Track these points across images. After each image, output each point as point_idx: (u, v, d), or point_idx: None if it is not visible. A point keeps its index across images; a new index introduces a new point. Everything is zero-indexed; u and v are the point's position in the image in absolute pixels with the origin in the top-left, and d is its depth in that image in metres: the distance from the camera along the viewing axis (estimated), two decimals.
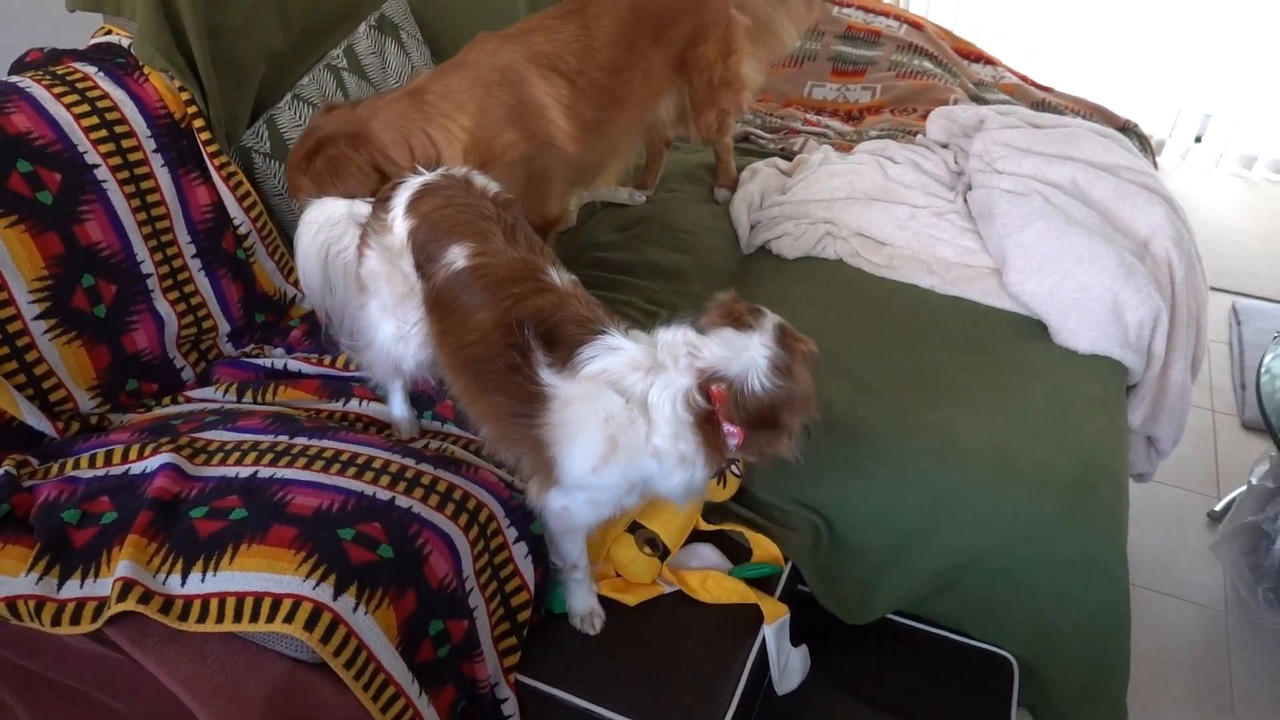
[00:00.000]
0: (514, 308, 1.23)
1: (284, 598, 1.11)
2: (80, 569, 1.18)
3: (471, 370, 1.28)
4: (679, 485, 1.23)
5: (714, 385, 1.16)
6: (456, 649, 1.25)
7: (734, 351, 1.16)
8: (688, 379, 1.17)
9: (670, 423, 1.17)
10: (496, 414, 1.27)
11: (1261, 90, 3.99)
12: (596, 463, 1.19)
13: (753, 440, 1.19)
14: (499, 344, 1.22)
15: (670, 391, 1.17)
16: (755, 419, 1.17)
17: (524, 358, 1.19)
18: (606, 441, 1.17)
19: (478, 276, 1.26)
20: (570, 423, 1.19)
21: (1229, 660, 2.02)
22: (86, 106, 1.55)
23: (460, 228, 1.30)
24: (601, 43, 1.81)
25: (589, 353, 1.19)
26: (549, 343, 1.20)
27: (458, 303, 1.27)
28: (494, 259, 1.27)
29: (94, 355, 1.52)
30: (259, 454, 1.32)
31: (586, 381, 1.18)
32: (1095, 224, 1.94)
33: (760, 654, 1.44)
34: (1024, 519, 1.52)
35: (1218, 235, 3.68)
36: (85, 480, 1.31)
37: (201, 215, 1.69)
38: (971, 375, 1.74)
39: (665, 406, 1.17)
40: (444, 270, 1.28)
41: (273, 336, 1.78)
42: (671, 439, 1.17)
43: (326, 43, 1.96)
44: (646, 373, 1.18)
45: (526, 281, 1.25)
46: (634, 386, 1.18)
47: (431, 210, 1.33)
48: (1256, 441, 2.61)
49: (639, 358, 1.19)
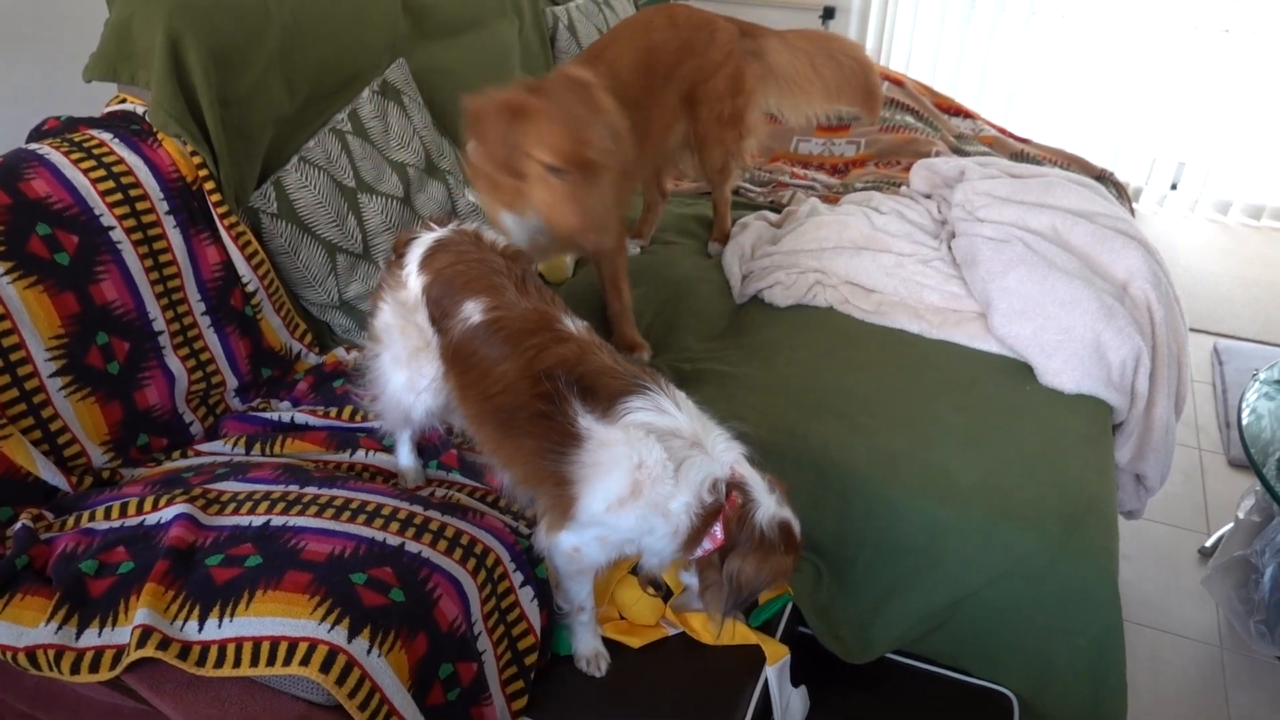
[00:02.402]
0: (537, 358, 1.28)
1: (299, 641, 1.14)
2: (99, 618, 1.21)
3: (498, 419, 1.33)
4: (659, 549, 1.31)
5: (735, 492, 1.26)
6: (466, 692, 1.27)
7: (760, 491, 1.28)
8: (724, 473, 1.27)
9: (691, 494, 1.24)
10: (524, 456, 1.32)
11: (1233, 138, 4.13)
12: (614, 503, 1.24)
13: (709, 558, 1.29)
14: (526, 394, 1.27)
15: (706, 470, 1.25)
16: (729, 546, 1.26)
17: (558, 406, 1.25)
18: (631, 486, 1.23)
19: (495, 329, 1.31)
20: (602, 462, 1.24)
21: (1226, 693, 2.04)
22: (103, 171, 1.61)
23: (474, 283, 1.35)
24: (625, 81, 1.92)
25: (636, 404, 1.25)
26: (583, 391, 1.26)
27: (478, 356, 1.32)
28: (509, 311, 1.32)
29: (107, 411, 1.56)
30: (271, 503, 1.35)
31: (630, 429, 1.23)
32: (1075, 268, 2.01)
33: (763, 695, 1.46)
34: (1015, 555, 1.55)
35: (1197, 279, 3.77)
36: (102, 531, 1.34)
37: (211, 274, 1.74)
38: (961, 416, 1.79)
39: (696, 480, 1.24)
40: (460, 325, 1.34)
41: (279, 391, 1.82)
42: (684, 509, 1.25)
43: (331, 107, 2.04)
44: (690, 444, 1.26)
45: (544, 332, 1.31)
46: (679, 451, 1.25)
47: (444, 266, 1.39)
48: (1242, 478, 2.66)
49: (685, 428, 1.26)
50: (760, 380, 1.89)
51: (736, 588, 1.27)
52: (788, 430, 1.74)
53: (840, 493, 1.65)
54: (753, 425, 1.66)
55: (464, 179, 1.75)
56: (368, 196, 2.00)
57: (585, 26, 3.08)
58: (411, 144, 2.16)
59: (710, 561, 1.29)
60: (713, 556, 1.28)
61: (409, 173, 2.13)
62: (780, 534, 1.28)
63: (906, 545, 1.62)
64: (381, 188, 2.05)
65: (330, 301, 1.93)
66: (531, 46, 2.79)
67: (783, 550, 1.28)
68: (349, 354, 1.89)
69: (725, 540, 1.26)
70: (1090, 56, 4.16)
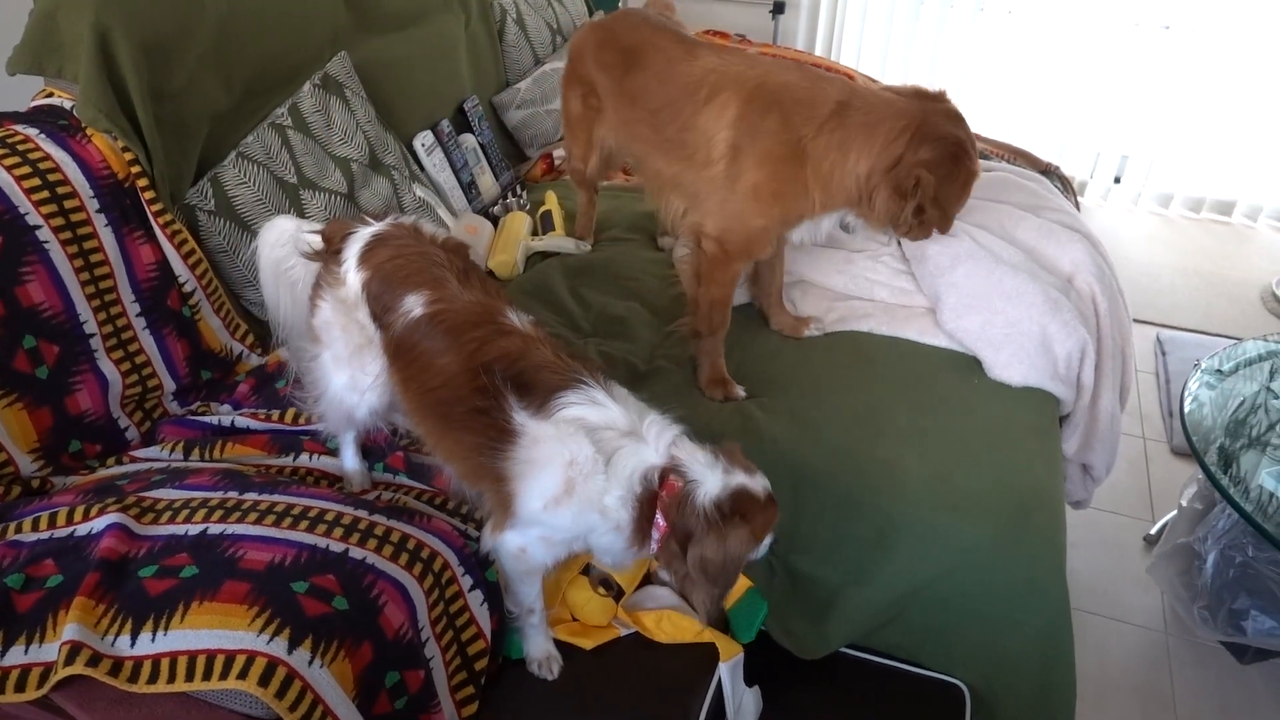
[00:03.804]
0: (478, 351, 1.25)
1: (237, 654, 1.10)
2: (25, 634, 1.16)
3: (439, 413, 1.30)
4: (607, 547, 1.28)
5: (673, 477, 1.22)
6: (414, 700, 1.25)
7: (705, 470, 1.22)
8: (658, 459, 1.22)
9: (623, 487, 1.21)
10: (464, 452, 1.29)
11: (1174, 132, 4.22)
12: (549, 501, 1.22)
13: (668, 550, 1.24)
14: (466, 388, 1.25)
15: (637, 460, 1.22)
16: (681, 533, 1.22)
17: (494, 401, 1.22)
18: (564, 483, 1.20)
19: (437, 323, 1.29)
20: (536, 459, 1.21)
21: (1171, 678, 2.08)
22: (28, 169, 1.55)
23: (414, 276, 1.33)
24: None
25: (570, 399, 1.22)
26: (520, 386, 1.23)
27: (419, 349, 1.30)
28: (451, 304, 1.30)
29: (35, 417, 1.50)
30: (209, 510, 1.31)
31: (561, 424, 1.21)
32: (1021, 262, 2.02)
33: (717, 694, 1.45)
34: (965, 547, 1.56)
35: (1140, 270, 3.85)
36: (29, 544, 1.28)
37: (146, 274, 1.68)
38: (910, 410, 1.80)
39: (626, 471, 1.21)
40: (402, 319, 1.31)
41: (219, 393, 1.77)
42: (619, 503, 1.22)
43: (270, 102, 1.98)
44: (622, 435, 1.22)
45: (487, 325, 1.28)
46: (609, 443, 1.21)
47: (384, 261, 1.35)
48: (1185, 466, 2.72)
49: (619, 420, 1.23)
50: None
51: (706, 575, 1.23)
52: (738, 426, 1.74)
53: (792, 488, 1.65)
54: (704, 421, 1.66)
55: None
56: (310, 193, 1.96)
57: (534, 20, 3.05)
58: (355, 139, 2.11)
59: (673, 553, 1.24)
60: (672, 547, 1.24)
61: (352, 168, 2.09)
62: (736, 503, 1.22)
63: (858, 540, 1.62)
64: (324, 184, 2.00)
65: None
66: (479, 40, 2.76)
67: (742, 518, 1.22)
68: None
69: (670, 528, 1.23)
70: (1036, 52, 4.22)
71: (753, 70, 1.79)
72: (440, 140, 2.46)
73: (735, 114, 1.76)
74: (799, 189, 1.74)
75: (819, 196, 1.74)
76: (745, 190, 1.76)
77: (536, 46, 3.04)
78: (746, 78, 1.78)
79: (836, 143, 1.68)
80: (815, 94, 1.72)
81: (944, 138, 1.67)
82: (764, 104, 1.74)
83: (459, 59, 2.62)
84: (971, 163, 1.71)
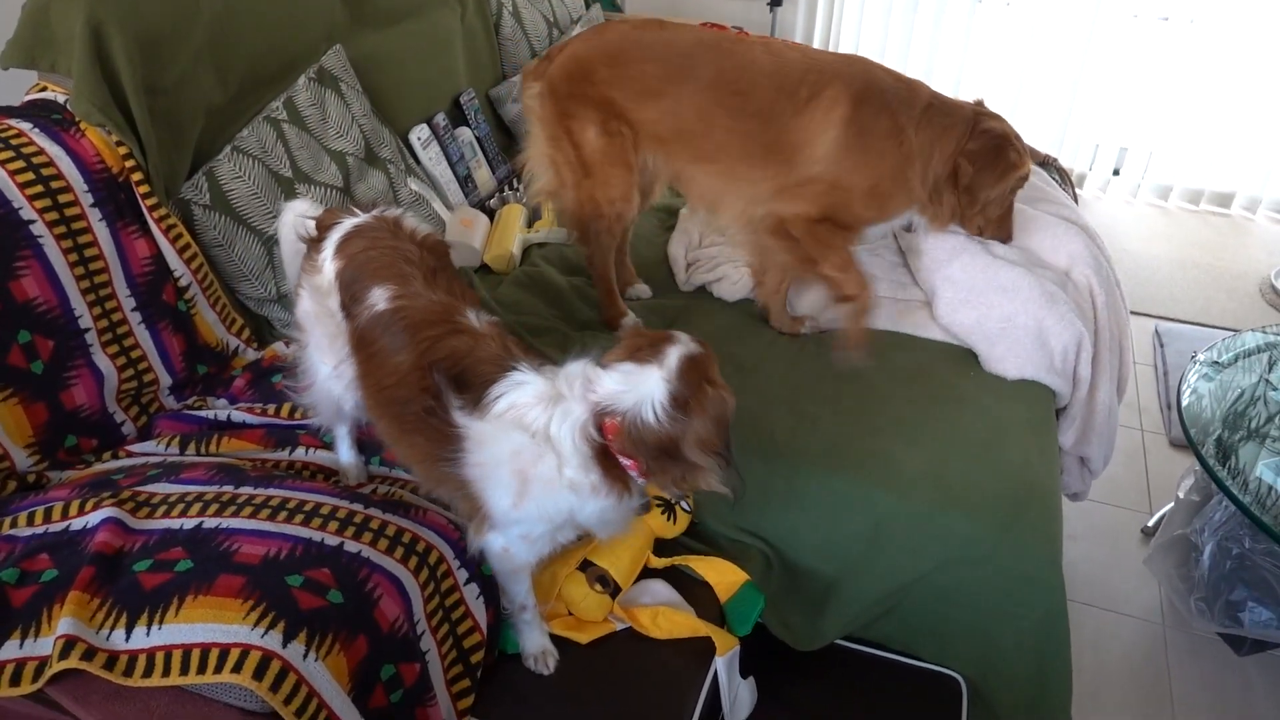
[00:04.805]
0: (430, 350, 1.25)
1: (231, 647, 1.10)
2: (20, 629, 1.16)
3: (392, 412, 1.30)
4: (595, 515, 1.24)
5: (607, 418, 1.16)
6: (409, 693, 1.25)
7: (630, 386, 1.15)
8: (582, 411, 1.17)
9: (575, 454, 1.17)
10: (419, 455, 1.29)
11: (1173, 124, 4.21)
12: (514, 499, 1.21)
13: (659, 474, 1.18)
14: (415, 387, 1.24)
15: (569, 423, 1.17)
16: (654, 452, 1.15)
17: (437, 401, 1.21)
18: (517, 477, 1.19)
19: (398, 319, 1.29)
20: (485, 462, 1.20)
21: (1168, 670, 2.08)
22: (21, 163, 1.54)
23: (383, 269, 1.33)
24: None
25: (498, 390, 1.19)
26: (461, 384, 1.21)
27: (379, 345, 1.30)
28: (413, 301, 1.30)
29: (31, 412, 1.50)
30: (204, 504, 1.31)
31: (495, 420, 1.19)
32: (1017, 256, 2.02)
33: (713, 688, 1.45)
34: (960, 539, 1.56)
35: (1138, 262, 3.84)
36: (24, 539, 1.29)
37: (141, 268, 1.68)
38: (907, 404, 1.80)
39: (565, 439, 1.17)
40: (367, 311, 1.31)
41: (215, 388, 1.77)
42: (581, 470, 1.17)
43: (265, 96, 1.98)
44: (549, 404, 1.18)
45: (443, 324, 1.27)
46: (537, 420, 1.18)
47: (358, 251, 1.36)
48: (1183, 458, 2.71)
49: (544, 391, 1.19)
50: None
51: (713, 451, 1.16)
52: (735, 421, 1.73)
53: (788, 481, 1.65)
54: None
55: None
56: (305, 186, 1.95)
57: (531, 14, 3.04)
58: (350, 132, 2.11)
59: (661, 469, 1.17)
60: (656, 467, 1.16)
61: (348, 162, 2.08)
62: (682, 383, 1.14)
63: (854, 532, 1.62)
64: (320, 177, 2.00)
65: (268, 295, 1.88)
66: (475, 33, 2.74)
67: (696, 386, 1.14)
68: (288, 348, 1.84)
69: (638, 461, 1.16)
70: (1034, 44, 4.21)
71: (850, 67, 1.80)
72: (436, 134, 2.45)
73: (845, 113, 1.76)
74: (904, 188, 1.81)
75: (916, 194, 1.82)
76: (863, 188, 1.80)
77: (533, 40, 3.03)
78: (849, 74, 1.78)
79: (927, 142, 1.77)
80: (912, 94, 1.79)
81: (988, 131, 1.79)
82: (875, 104, 1.76)
83: (455, 52, 2.61)
84: (1017, 157, 1.80)
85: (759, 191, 1.86)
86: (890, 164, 1.79)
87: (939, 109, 1.78)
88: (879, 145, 1.77)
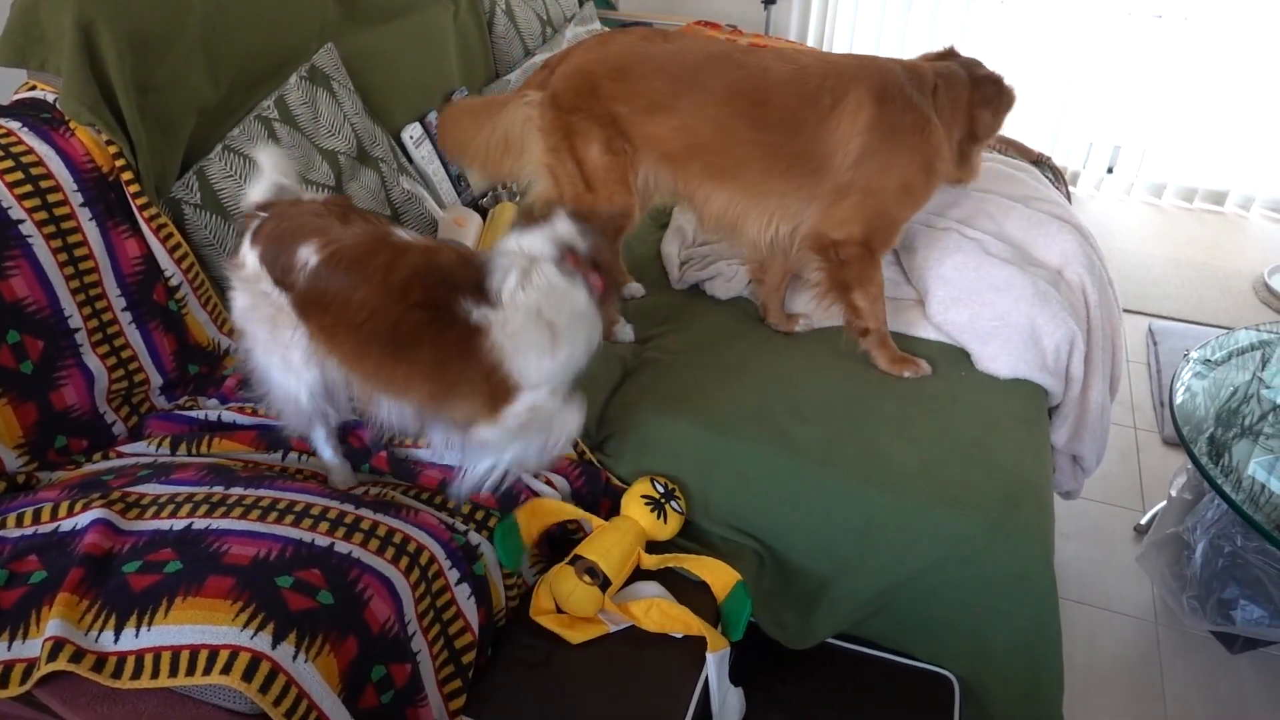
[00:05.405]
0: (390, 274, 1.30)
1: (220, 649, 1.10)
2: (8, 630, 1.16)
3: (378, 344, 1.33)
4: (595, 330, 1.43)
5: (569, 254, 1.40)
6: (400, 694, 1.25)
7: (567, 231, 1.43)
8: (551, 249, 1.39)
9: (575, 288, 1.38)
10: (424, 371, 1.33)
11: (1166, 122, 4.21)
12: (550, 350, 1.35)
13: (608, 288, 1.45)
14: (397, 309, 1.29)
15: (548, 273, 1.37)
16: (597, 263, 1.43)
17: (440, 308, 1.30)
18: (547, 329, 1.34)
19: (335, 263, 1.32)
20: (514, 332, 1.32)
21: (1161, 668, 2.08)
22: (10, 162, 1.54)
23: (299, 231, 1.36)
24: None
25: (494, 282, 1.33)
26: (455, 288, 1.32)
27: (330, 294, 1.32)
28: (341, 243, 1.33)
29: (20, 413, 1.49)
30: (194, 505, 1.31)
31: (510, 297, 1.33)
32: (1010, 254, 2.02)
33: (704, 693, 1.45)
34: (952, 538, 1.56)
35: (1132, 260, 3.85)
36: (13, 540, 1.28)
37: (131, 268, 1.67)
38: (898, 402, 1.80)
39: (560, 282, 1.37)
40: (302, 272, 1.33)
41: (206, 388, 1.77)
42: (584, 290, 1.39)
43: (257, 94, 1.97)
44: (538, 266, 1.36)
45: (384, 250, 1.33)
46: (537, 276, 1.35)
47: (270, 230, 1.39)
48: (1176, 456, 2.72)
49: (523, 262, 1.36)
50: (700, 368, 1.88)
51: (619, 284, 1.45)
52: (728, 419, 1.73)
53: (781, 480, 1.65)
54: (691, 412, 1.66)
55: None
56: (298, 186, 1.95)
57: (524, 12, 3.04)
58: (342, 131, 2.10)
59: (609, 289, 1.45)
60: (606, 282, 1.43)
61: (340, 161, 2.08)
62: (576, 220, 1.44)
63: (846, 530, 1.62)
64: (311, 177, 1.99)
65: None
66: (468, 32, 2.74)
67: (588, 224, 1.45)
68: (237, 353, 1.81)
69: (603, 284, 1.42)
70: (1028, 42, 4.21)
71: (865, 67, 1.79)
72: (429, 132, 2.45)
73: (870, 116, 1.74)
74: (935, 176, 1.82)
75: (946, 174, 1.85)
76: (894, 189, 1.78)
77: (526, 38, 3.03)
78: (866, 75, 1.76)
79: (947, 120, 1.81)
80: (921, 78, 1.80)
81: (984, 77, 1.87)
82: (898, 101, 1.75)
83: (448, 51, 2.61)
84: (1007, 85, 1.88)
85: (788, 206, 1.81)
86: (921, 158, 1.78)
87: (945, 81, 1.81)
88: (909, 141, 1.76)
